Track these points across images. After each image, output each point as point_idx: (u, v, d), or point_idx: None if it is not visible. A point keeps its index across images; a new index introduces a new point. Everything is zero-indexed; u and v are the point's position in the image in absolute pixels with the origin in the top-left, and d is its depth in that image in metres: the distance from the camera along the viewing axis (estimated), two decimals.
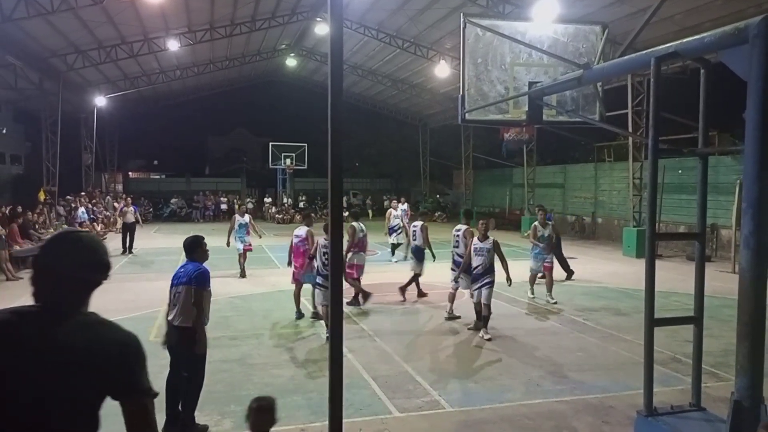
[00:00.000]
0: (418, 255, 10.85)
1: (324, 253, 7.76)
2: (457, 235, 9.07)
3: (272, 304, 9.88)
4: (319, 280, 8.09)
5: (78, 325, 1.72)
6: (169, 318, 5.05)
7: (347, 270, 9.63)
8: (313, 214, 10.85)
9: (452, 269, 9.05)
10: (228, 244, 12.67)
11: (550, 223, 10.64)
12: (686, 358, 6.55)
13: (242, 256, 12.84)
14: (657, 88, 4.19)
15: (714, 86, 4.60)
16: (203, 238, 5.33)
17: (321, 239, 8.14)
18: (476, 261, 8.16)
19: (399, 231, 15.58)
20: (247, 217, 13.25)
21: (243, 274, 12.67)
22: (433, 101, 28.90)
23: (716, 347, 7.11)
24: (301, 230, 9.18)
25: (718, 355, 6.88)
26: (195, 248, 5.20)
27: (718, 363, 6.61)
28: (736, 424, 3.61)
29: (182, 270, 5.08)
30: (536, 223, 10.57)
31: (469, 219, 9.48)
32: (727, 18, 12.56)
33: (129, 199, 21.38)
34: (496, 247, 8.17)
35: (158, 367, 5.04)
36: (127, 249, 17.00)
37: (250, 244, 13.12)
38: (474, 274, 8.22)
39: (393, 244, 15.95)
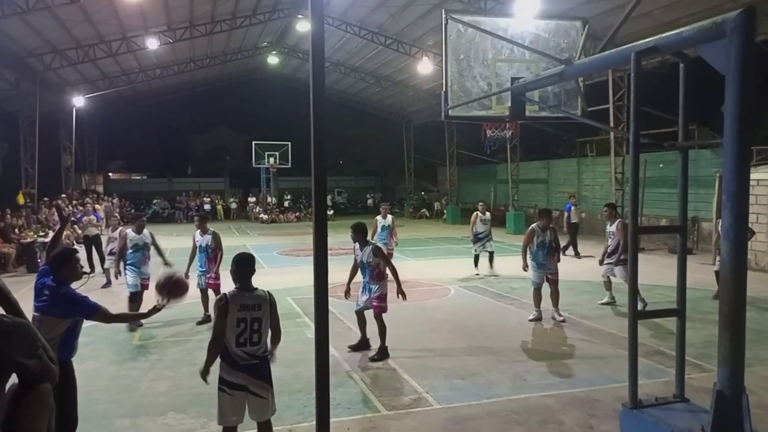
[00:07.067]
0: None
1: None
2: None
3: None
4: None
5: None
6: None
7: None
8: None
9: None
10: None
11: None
12: (669, 350, 6.62)
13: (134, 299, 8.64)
14: (637, 82, 4.22)
15: (693, 80, 4.64)
16: (76, 252, 4.16)
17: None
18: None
19: (485, 238, 12.84)
20: (147, 234, 9.08)
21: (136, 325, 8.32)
22: (416, 98, 28.92)
23: (699, 339, 7.21)
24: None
25: (701, 346, 6.97)
26: (64, 263, 3.97)
27: (700, 354, 6.69)
28: (718, 415, 3.66)
29: (46, 291, 3.84)
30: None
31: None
32: (704, 13, 12.72)
33: (94, 205, 19.66)
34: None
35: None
36: (94, 266, 12.89)
37: (147, 278, 8.88)
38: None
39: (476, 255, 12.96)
